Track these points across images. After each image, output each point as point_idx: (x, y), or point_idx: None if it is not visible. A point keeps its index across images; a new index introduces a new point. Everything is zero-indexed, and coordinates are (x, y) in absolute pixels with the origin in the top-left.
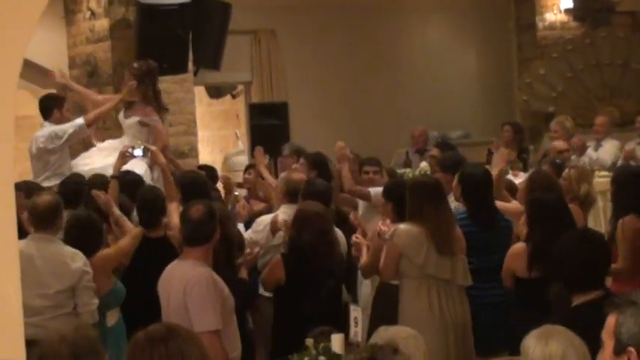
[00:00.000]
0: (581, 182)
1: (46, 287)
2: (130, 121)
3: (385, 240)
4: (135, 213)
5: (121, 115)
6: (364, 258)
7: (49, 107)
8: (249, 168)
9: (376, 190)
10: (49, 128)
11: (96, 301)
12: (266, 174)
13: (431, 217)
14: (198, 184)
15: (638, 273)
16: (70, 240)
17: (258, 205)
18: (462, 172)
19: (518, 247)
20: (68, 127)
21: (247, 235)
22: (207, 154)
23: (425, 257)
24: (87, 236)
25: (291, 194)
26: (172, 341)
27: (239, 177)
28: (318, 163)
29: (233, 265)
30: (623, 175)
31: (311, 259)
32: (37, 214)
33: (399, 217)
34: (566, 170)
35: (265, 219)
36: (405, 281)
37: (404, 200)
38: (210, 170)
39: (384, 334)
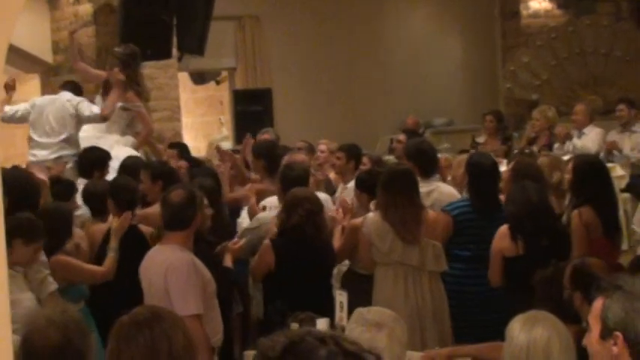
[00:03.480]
0: (554, 170)
1: None
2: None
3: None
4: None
5: (98, 100)
6: (337, 241)
7: (79, 91)
8: (235, 152)
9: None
10: (74, 97)
11: (42, 274)
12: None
13: (394, 205)
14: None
15: None
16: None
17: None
18: (470, 160)
19: (503, 228)
20: (86, 109)
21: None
22: (191, 140)
23: (390, 244)
24: (54, 227)
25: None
26: (157, 325)
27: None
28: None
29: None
30: (581, 165)
31: (299, 242)
32: None
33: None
34: (539, 159)
35: (267, 201)
36: (377, 268)
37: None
38: (182, 147)
39: (368, 315)
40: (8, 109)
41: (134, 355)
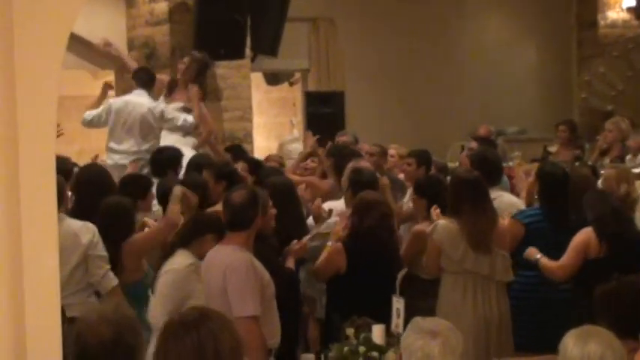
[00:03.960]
0: (621, 182)
1: (61, 264)
2: (172, 106)
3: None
4: None
5: (161, 101)
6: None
7: (152, 80)
8: (311, 155)
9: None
10: (162, 106)
11: (103, 270)
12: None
13: (467, 214)
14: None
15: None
16: (103, 226)
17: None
18: (542, 171)
19: (588, 229)
20: (180, 117)
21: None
22: (262, 141)
23: (462, 253)
24: (117, 222)
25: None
26: (205, 326)
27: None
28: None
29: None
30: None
31: (373, 245)
32: None
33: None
34: (607, 170)
35: (330, 204)
36: (444, 276)
37: (437, 197)
38: (235, 149)
39: (424, 323)
40: (87, 114)
41: (181, 354)
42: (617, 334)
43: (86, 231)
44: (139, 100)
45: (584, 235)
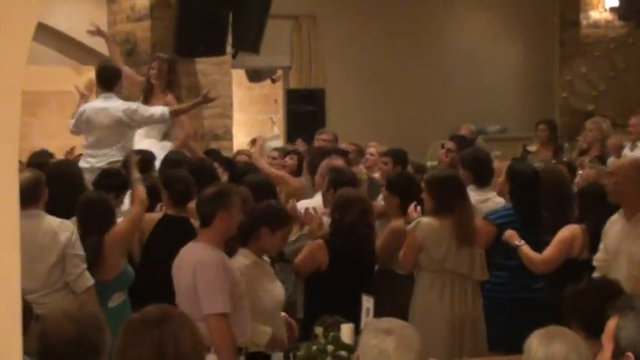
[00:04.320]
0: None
1: (40, 262)
2: None
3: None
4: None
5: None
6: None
7: (114, 77)
8: (290, 153)
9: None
10: (126, 103)
11: (80, 269)
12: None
13: (458, 210)
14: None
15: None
16: (83, 220)
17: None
18: (512, 170)
19: (576, 227)
20: (155, 111)
21: None
22: (243, 137)
23: (445, 251)
24: (98, 216)
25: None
26: (166, 325)
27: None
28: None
29: None
30: None
31: (354, 242)
32: (20, 192)
33: (402, 211)
34: (585, 170)
35: (304, 203)
36: (422, 273)
37: (409, 194)
38: (212, 153)
39: (379, 324)
40: (71, 123)
41: (141, 354)
42: (586, 335)
43: (65, 229)
44: (110, 104)
45: (571, 231)
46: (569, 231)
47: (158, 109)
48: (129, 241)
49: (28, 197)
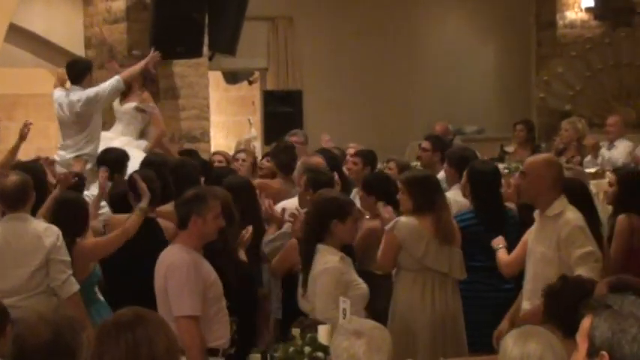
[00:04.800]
0: None
1: (23, 266)
2: (125, 107)
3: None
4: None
5: (115, 102)
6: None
7: (82, 71)
8: (267, 155)
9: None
10: (84, 92)
11: (65, 275)
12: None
13: (437, 208)
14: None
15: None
16: (56, 220)
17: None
18: (471, 169)
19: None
20: (106, 86)
21: None
22: (221, 139)
23: (425, 250)
24: (72, 217)
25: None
26: (140, 327)
27: None
28: None
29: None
30: (628, 176)
31: None
32: (6, 195)
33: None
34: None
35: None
36: (402, 273)
37: (385, 193)
38: (190, 153)
39: (349, 325)
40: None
41: (114, 357)
42: (563, 334)
43: (50, 233)
44: (70, 97)
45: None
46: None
47: (107, 84)
48: (99, 257)
49: (15, 200)
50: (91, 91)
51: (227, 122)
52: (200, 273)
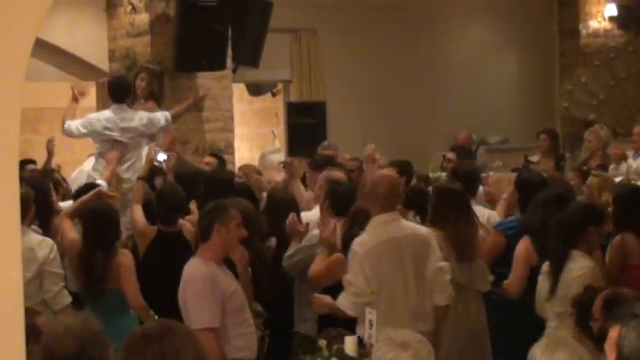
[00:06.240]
0: (603, 191)
1: None
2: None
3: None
4: None
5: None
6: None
7: (127, 90)
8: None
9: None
10: (145, 113)
11: (58, 287)
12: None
13: (452, 223)
14: (220, 180)
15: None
16: (89, 231)
17: None
18: (519, 179)
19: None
20: (161, 118)
21: None
22: (245, 151)
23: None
24: (104, 228)
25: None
26: (167, 339)
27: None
28: None
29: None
30: (625, 194)
31: None
32: None
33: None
34: (590, 178)
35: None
36: None
37: (423, 207)
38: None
39: (395, 335)
40: (68, 125)
41: None
42: (595, 345)
43: (44, 246)
44: (128, 115)
45: (523, 244)
46: (520, 246)
47: (161, 116)
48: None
49: None
50: (150, 116)
51: (251, 134)
52: (218, 285)
